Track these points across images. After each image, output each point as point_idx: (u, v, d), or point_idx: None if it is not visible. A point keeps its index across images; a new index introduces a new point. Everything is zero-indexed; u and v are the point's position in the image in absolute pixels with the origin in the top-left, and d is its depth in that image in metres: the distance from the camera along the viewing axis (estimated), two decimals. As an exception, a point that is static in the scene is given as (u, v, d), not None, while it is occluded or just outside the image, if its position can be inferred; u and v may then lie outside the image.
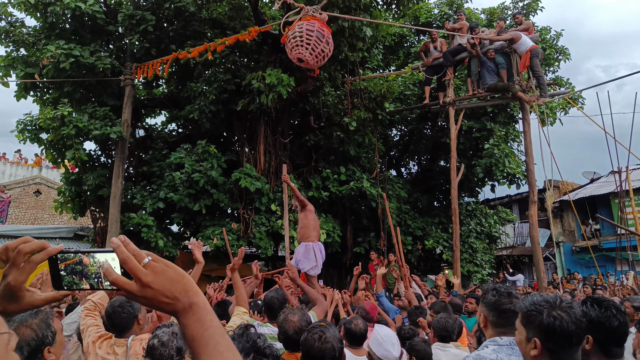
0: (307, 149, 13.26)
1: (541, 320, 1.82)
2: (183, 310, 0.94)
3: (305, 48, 7.57)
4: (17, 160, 21.48)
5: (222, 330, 0.96)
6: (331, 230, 11.26)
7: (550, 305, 1.84)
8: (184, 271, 0.98)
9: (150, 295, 0.93)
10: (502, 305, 2.32)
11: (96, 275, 1.00)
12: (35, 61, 10.59)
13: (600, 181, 21.73)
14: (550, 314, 1.81)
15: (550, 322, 1.80)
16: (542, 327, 1.82)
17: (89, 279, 1.01)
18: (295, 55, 7.77)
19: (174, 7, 11.02)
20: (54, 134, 10.00)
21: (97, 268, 1.00)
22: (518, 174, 12.81)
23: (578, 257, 20.91)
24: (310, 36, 7.57)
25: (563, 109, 15.27)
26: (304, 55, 7.65)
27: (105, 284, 1.00)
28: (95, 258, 1.00)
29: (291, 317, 3.08)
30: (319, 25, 7.71)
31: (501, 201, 22.19)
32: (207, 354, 0.92)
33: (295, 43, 7.63)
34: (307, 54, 7.62)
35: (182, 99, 12.41)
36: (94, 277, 1.01)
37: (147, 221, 10.09)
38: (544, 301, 1.86)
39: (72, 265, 1.01)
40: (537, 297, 1.91)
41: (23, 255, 1.02)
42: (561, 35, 15.71)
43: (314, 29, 7.61)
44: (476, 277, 13.87)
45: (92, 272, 1.01)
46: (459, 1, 16.14)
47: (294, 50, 7.70)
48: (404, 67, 15.42)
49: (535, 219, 10.79)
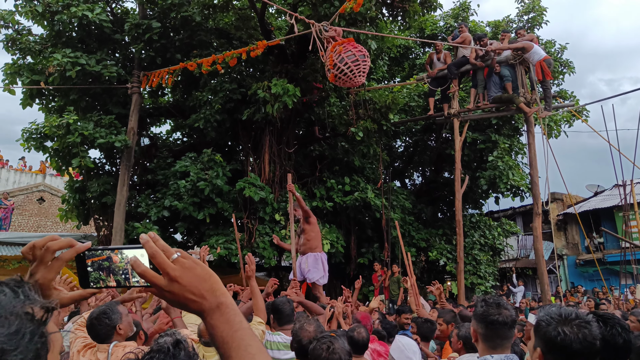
0: (312, 159, 13.27)
1: (547, 331, 1.79)
2: (210, 309, 0.93)
3: (362, 76, 8.08)
4: (21, 167, 21.54)
5: (251, 332, 0.95)
6: (335, 241, 11.22)
7: (562, 319, 1.80)
8: (212, 271, 0.97)
9: (177, 291, 0.92)
10: (489, 316, 2.23)
11: (124, 271, 1.00)
12: (42, 69, 10.65)
13: (604, 194, 21.67)
14: (557, 328, 1.77)
15: (554, 336, 1.76)
16: (546, 338, 1.79)
17: (116, 275, 1.01)
18: (354, 85, 8.43)
19: (181, 16, 11.08)
20: (59, 141, 10.03)
21: (125, 264, 1.00)
22: (522, 187, 12.78)
23: (582, 270, 20.80)
24: (357, 64, 7.95)
25: (567, 122, 15.26)
26: (361, 82, 8.26)
27: (132, 280, 1.00)
28: (123, 254, 1.00)
29: (307, 326, 3.05)
30: (352, 48, 8.06)
31: (505, 213, 22.12)
32: (239, 356, 0.91)
33: (349, 77, 8.04)
34: (362, 79, 8.23)
35: (188, 107, 12.44)
36: (122, 274, 1.01)
37: (151, 230, 10.07)
38: (557, 314, 1.82)
39: (100, 262, 1.01)
40: (553, 309, 1.87)
41: (51, 253, 1.01)
42: (565, 48, 15.77)
43: (355, 55, 7.97)
44: (480, 289, 13.80)
45: (120, 268, 1.00)
46: (465, 14, 16.22)
47: (349, 82, 8.19)
48: (409, 79, 15.47)
49: (539, 231, 10.75)
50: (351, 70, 7.85)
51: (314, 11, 10.64)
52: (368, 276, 12.57)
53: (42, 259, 1.00)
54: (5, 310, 0.76)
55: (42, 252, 1.00)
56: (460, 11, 16.34)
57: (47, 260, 1.00)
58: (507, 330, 2.23)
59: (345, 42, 8.08)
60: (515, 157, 14.26)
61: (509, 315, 2.23)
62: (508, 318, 2.22)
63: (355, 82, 8.08)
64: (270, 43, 9.98)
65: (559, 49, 15.75)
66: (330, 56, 8.06)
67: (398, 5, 11.15)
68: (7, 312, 0.76)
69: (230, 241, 10.63)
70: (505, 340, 2.23)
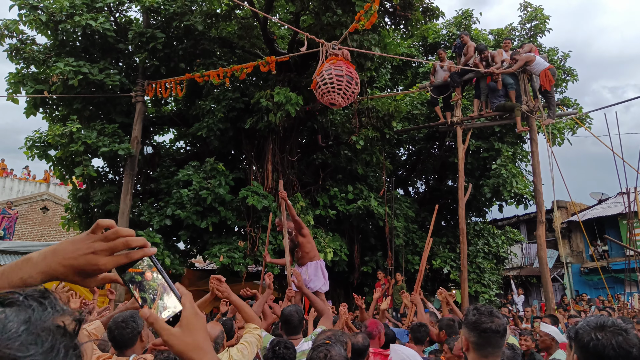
0: (315, 168, 13.26)
1: (582, 337, 1.81)
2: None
3: (337, 93, 7.73)
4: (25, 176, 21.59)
5: None
6: (338, 249, 11.19)
7: (599, 326, 1.81)
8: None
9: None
10: (482, 324, 2.21)
11: (154, 292, 1.00)
12: (45, 78, 10.70)
13: (608, 202, 21.59)
14: (591, 334, 1.79)
15: (587, 342, 1.78)
16: (582, 344, 1.81)
17: (144, 292, 1.00)
18: (328, 100, 7.94)
19: (184, 25, 11.12)
20: (62, 150, 10.05)
21: (157, 285, 1.00)
22: (526, 194, 12.74)
23: (586, 278, 20.68)
24: (340, 81, 7.72)
25: (571, 130, 15.24)
26: (337, 101, 7.84)
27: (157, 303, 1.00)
28: (157, 277, 1.01)
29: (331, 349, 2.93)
30: (346, 68, 7.85)
31: (509, 221, 22.02)
32: None
33: (327, 89, 7.78)
34: (339, 99, 7.81)
35: (191, 116, 12.47)
36: (150, 292, 1.00)
37: (154, 239, 10.06)
38: (595, 322, 1.84)
39: (134, 274, 1.00)
40: (593, 317, 1.90)
41: (127, 246, 0.99)
42: (569, 56, 15.78)
43: (342, 72, 7.75)
44: (484, 298, 13.72)
45: (151, 286, 1.00)
46: (467, 22, 16.25)
47: (326, 95, 7.85)
48: (412, 87, 15.48)
49: (543, 239, 10.70)
50: (332, 84, 7.67)
51: (317, 20, 10.69)
52: (371, 284, 12.51)
53: (115, 247, 0.98)
54: (37, 327, 0.72)
55: (121, 243, 0.98)
56: (462, 19, 16.37)
57: (118, 249, 0.98)
58: (499, 339, 2.22)
59: (342, 60, 8.03)
60: (518, 165, 14.23)
61: (501, 324, 2.22)
62: (500, 326, 2.21)
63: (331, 97, 7.77)
64: (279, 59, 9.98)
65: (562, 57, 15.75)
66: (321, 65, 8.02)
67: (400, 13, 11.19)
68: (38, 328, 0.72)
69: (233, 250, 10.61)
70: (496, 348, 2.22)
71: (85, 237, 0.98)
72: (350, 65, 8.14)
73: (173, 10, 11.01)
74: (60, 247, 0.97)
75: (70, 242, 0.98)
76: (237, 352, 3.23)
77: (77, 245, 0.97)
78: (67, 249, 0.96)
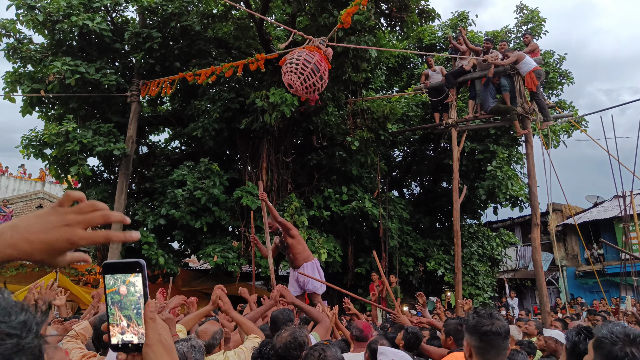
0: (310, 168, 13.27)
1: (611, 350, 1.76)
2: None
3: (298, 77, 7.68)
4: (21, 174, 21.55)
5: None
6: (332, 250, 11.19)
7: (629, 340, 1.77)
8: None
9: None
10: (482, 327, 2.17)
11: (135, 306, 0.92)
12: (42, 77, 10.72)
13: (603, 205, 21.60)
14: (623, 349, 1.74)
15: (620, 357, 1.74)
16: (610, 357, 1.76)
17: (127, 310, 0.92)
18: (287, 80, 7.91)
19: (180, 26, 11.15)
20: (58, 149, 10.06)
21: (138, 298, 0.92)
22: (521, 197, 12.76)
23: (581, 281, 20.68)
24: (305, 67, 7.68)
25: (566, 132, 15.27)
26: (294, 83, 7.78)
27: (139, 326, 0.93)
28: (136, 287, 0.92)
29: (283, 332, 3.02)
30: (318, 58, 7.81)
31: (503, 224, 22.04)
32: None
33: (289, 69, 7.74)
34: (298, 83, 7.75)
35: (186, 116, 12.48)
36: (133, 308, 0.92)
37: (148, 238, 10.07)
38: (623, 334, 1.79)
39: (112, 294, 0.92)
40: (618, 327, 1.84)
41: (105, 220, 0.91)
42: (564, 59, 15.81)
43: (312, 60, 7.72)
44: (478, 300, 13.73)
45: (131, 301, 0.92)
46: (463, 24, 16.29)
47: (287, 75, 7.84)
48: (407, 89, 15.51)
49: (538, 242, 10.69)
50: (296, 67, 7.68)
51: (313, 21, 10.72)
52: (365, 286, 12.53)
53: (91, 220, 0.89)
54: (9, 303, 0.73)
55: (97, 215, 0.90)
56: (458, 21, 16.41)
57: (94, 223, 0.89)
58: (501, 341, 2.17)
59: (320, 54, 8.03)
60: (514, 167, 14.26)
61: (502, 326, 2.17)
62: (501, 328, 2.16)
63: (288, 78, 7.77)
64: (268, 56, 10.02)
65: (557, 59, 15.78)
66: (299, 49, 8.02)
67: (396, 15, 11.20)
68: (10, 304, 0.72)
69: (227, 250, 10.62)
70: (500, 352, 2.17)
71: (53, 210, 0.88)
72: (325, 61, 8.10)
73: (170, 10, 11.04)
74: (21, 222, 0.86)
75: (34, 216, 0.87)
76: (234, 355, 3.26)
77: (45, 219, 0.86)
78: (31, 223, 0.85)
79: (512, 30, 16.09)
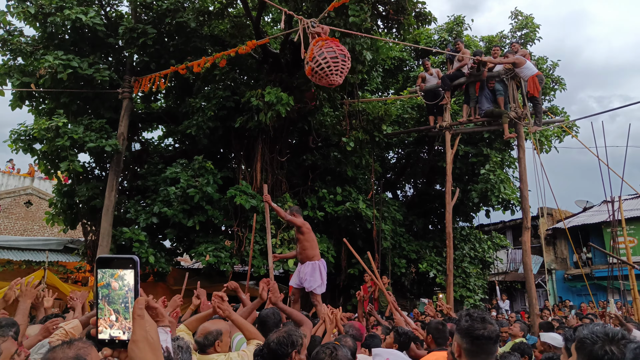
0: (304, 169, 13.22)
1: (592, 350, 1.81)
2: None
3: (336, 74, 7.64)
4: (9, 169, 21.26)
5: None
6: (325, 251, 11.17)
7: (608, 338, 1.82)
8: None
9: None
10: (475, 330, 2.19)
11: (124, 300, 0.95)
12: (32, 71, 10.55)
13: (592, 210, 21.83)
14: (604, 347, 1.79)
15: (600, 355, 1.78)
16: (592, 356, 1.81)
17: (113, 304, 0.94)
18: (327, 83, 7.83)
19: (176, 22, 11.02)
20: (48, 144, 9.90)
21: (126, 292, 0.94)
22: (513, 200, 12.83)
23: (570, 284, 20.88)
24: (336, 62, 7.65)
25: (558, 137, 15.39)
26: (336, 81, 7.74)
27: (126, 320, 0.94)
28: (124, 281, 0.94)
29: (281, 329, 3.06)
30: (335, 46, 7.80)
31: (495, 227, 22.20)
32: None
33: (324, 74, 7.67)
34: (338, 79, 7.73)
35: (180, 114, 12.37)
36: (121, 302, 0.95)
37: (139, 236, 9.96)
38: (603, 333, 1.84)
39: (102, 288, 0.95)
40: (598, 327, 1.89)
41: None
42: (557, 65, 15.95)
43: (335, 53, 7.70)
44: (469, 302, 13.79)
45: (119, 295, 0.94)
46: (459, 28, 16.36)
47: (324, 79, 7.74)
48: (403, 91, 15.53)
49: (528, 245, 10.77)
50: (329, 67, 7.57)
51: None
52: (358, 287, 12.49)
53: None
54: None
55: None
56: (454, 25, 16.48)
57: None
58: (491, 345, 2.21)
59: (329, 39, 7.97)
60: (506, 170, 14.34)
61: (494, 330, 2.20)
62: (493, 333, 2.19)
63: (331, 80, 7.70)
64: (259, 42, 9.96)
65: (550, 66, 15.91)
66: (311, 49, 7.93)
67: (393, 17, 11.19)
68: None
69: (219, 249, 10.54)
70: (490, 355, 2.21)
71: None
72: (336, 41, 8.09)
73: (166, 6, 10.92)
74: None
75: None
76: (237, 357, 3.27)
77: None
78: None
79: (506, 35, 16.18)
